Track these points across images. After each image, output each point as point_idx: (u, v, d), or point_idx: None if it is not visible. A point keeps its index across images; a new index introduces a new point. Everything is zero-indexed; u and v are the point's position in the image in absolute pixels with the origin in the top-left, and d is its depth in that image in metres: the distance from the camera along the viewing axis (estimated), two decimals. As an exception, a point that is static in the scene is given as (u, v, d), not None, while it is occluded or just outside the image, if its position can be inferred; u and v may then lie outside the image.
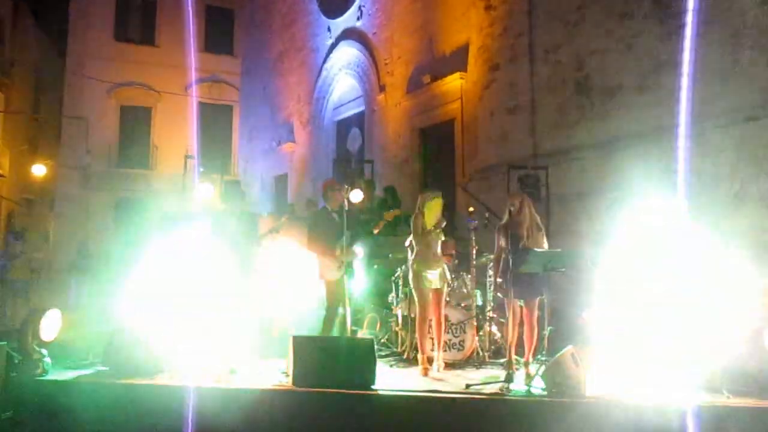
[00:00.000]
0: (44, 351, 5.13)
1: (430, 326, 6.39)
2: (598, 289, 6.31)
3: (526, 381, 5.17)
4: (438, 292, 6.35)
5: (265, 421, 4.76)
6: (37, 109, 26.15)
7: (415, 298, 6.33)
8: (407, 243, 6.65)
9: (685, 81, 8.25)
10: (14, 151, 23.22)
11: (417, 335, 6.29)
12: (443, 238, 6.42)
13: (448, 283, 6.52)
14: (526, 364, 5.82)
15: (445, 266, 6.45)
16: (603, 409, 4.62)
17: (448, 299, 7.26)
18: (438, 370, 6.19)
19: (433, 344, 6.39)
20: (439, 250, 6.38)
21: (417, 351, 6.39)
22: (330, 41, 15.88)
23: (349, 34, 15.22)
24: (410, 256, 6.53)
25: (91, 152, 23.41)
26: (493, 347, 7.08)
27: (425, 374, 6.06)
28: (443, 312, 6.55)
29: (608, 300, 6.32)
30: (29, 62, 25.22)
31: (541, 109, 10.26)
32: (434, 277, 6.28)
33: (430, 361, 6.24)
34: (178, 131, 23.73)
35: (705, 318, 7.22)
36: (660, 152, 8.50)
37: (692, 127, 8.13)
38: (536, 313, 5.96)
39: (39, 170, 22.97)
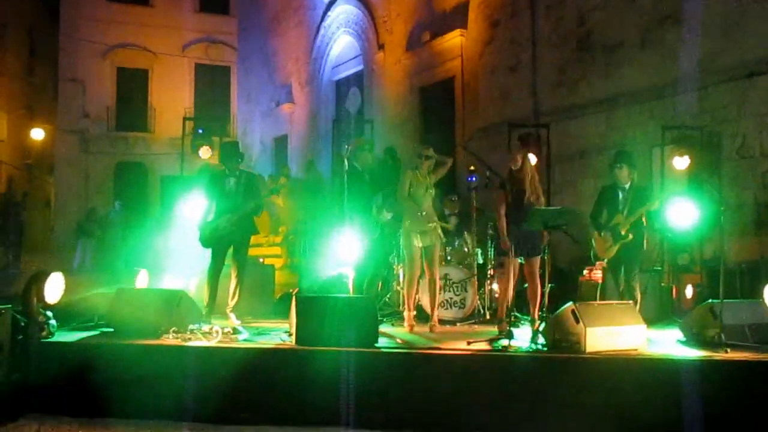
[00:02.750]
0: (49, 313, 5.17)
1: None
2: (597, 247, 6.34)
3: (533, 338, 5.22)
4: (429, 250, 6.29)
5: (268, 379, 4.82)
6: (32, 72, 25.87)
7: (404, 256, 6.34)
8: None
9: (687, 36, 8.15)
10: (11, 116, 23.06)
11: (404, 292, 6.31)
12: (432, 193, 6.34)
13: (441, 241, 6.43)
14: (533, 321, 5.83)
15: (438, 224, 6.37)
16: (603, 365, 4.67)
17: (449, 258, 7.29)
18: (431, 330, 6.17)
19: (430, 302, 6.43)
20: (429, 207, 6.33)
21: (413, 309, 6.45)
22: (328, -2, 15.61)
23: (346, -10, 14.94)
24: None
25: (88, 115, 23.22)
26: (494, 305, 7.12)
27: (410, 330, 6.15)
28: (441, 271, 6.56)
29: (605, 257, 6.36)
30: (23, 25, 24.86)
31: (542, 67, 10.14)
32: (423, 235, 6.22)
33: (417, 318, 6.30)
34: (176, 93, 23.51)
35: (702, 274, 7.28)
36: (662, 108, 8.44)
37: (694, 83, 8.05)
38: (538, 270, 5.95)
39: (37, 134, 22.86)
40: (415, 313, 6.41)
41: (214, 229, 6.37)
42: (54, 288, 5.22)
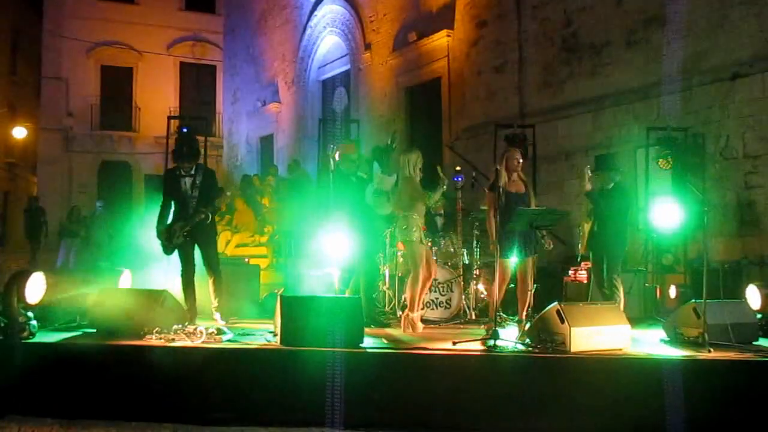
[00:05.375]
0: (30, 314, 5.10)
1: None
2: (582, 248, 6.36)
3: (520, 338, 5.20)
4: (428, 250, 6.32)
5: (253, 380, 4.79)
6: (15, 70, 25.58)
7: (415, 256, 6.12)
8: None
9: (672, 38, 8.21)
10: (-7, 114, 22.83)
11: (411, 293, 6.16)
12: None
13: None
14: (521, 321, 5.81)
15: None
16: (588, 365, 4.69)
17: (434, 258, 7.28)
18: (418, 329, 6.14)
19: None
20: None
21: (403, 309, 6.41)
22: (314, -2, 15.58)
23: (333, -10, 14.92)
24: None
25: (72, 114, 23.00)
26: (479, 305, 7.13)
27: (415, 331, 6.04)
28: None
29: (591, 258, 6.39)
30: (6, 22, 24.58)
31: (528, 67, 10.18)
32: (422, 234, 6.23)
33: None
34: (160, 91, 23.34)
35: (686, 274, 7.33)
36: (647, 109, 8.50)
37: (679, 83, 8.12)
38: (530, 271, 5.90)
39: (19, 133, 22.57)
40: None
41: (171, 236, 5.99)
42: (35, 288, 5.14)
